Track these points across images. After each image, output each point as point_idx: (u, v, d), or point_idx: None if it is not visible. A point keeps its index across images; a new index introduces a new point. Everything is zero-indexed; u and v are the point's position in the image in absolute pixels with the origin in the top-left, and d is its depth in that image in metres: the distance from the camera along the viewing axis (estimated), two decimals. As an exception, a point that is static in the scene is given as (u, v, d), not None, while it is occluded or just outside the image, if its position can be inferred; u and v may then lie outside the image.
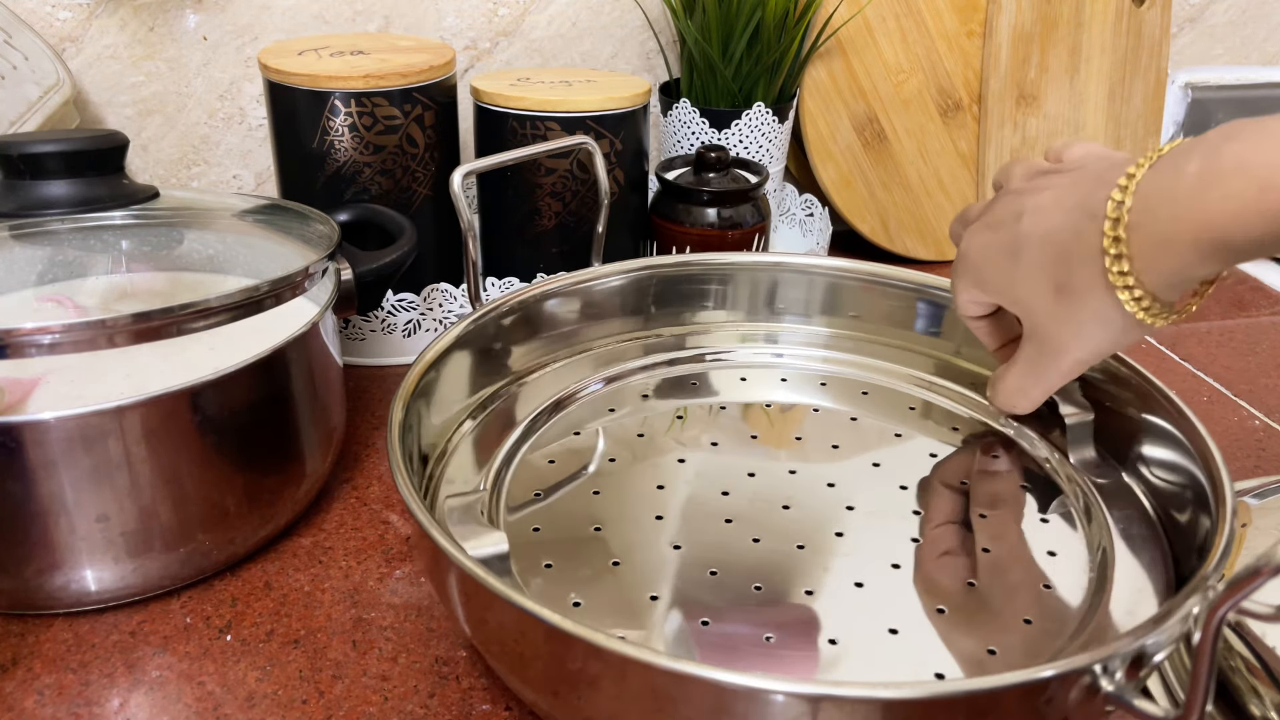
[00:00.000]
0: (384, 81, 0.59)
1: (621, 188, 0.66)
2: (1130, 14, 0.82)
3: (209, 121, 0.78)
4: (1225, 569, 0.35)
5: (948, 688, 0.28)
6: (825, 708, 0.29)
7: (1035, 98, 0.81)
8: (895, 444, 0.50)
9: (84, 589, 0.43)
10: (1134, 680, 0.31)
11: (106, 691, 0.41)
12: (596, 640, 0.30)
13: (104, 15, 0.73)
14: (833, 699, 0.28)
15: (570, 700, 0.33)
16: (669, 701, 0.30)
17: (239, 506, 0.46)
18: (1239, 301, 0.79)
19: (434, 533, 0.34)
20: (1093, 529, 0.44)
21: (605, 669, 0.31)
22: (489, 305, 0.51)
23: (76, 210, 0.48)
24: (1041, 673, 0.29)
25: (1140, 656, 0.31)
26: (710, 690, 0.29)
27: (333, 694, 0.41)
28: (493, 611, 0.34)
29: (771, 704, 0.29)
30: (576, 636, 0.30)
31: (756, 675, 0.28)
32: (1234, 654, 0.39)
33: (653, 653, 0.30)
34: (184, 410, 0.42)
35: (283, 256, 0.49)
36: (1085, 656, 0.29)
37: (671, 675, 0.29)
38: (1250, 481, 0.49)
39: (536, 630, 0.32)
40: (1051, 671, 0.29)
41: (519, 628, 0.33)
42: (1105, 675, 0.30)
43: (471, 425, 0.50)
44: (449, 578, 0.35)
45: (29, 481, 0.40)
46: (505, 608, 0.32)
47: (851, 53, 0.77)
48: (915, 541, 0.43)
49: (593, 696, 0.32)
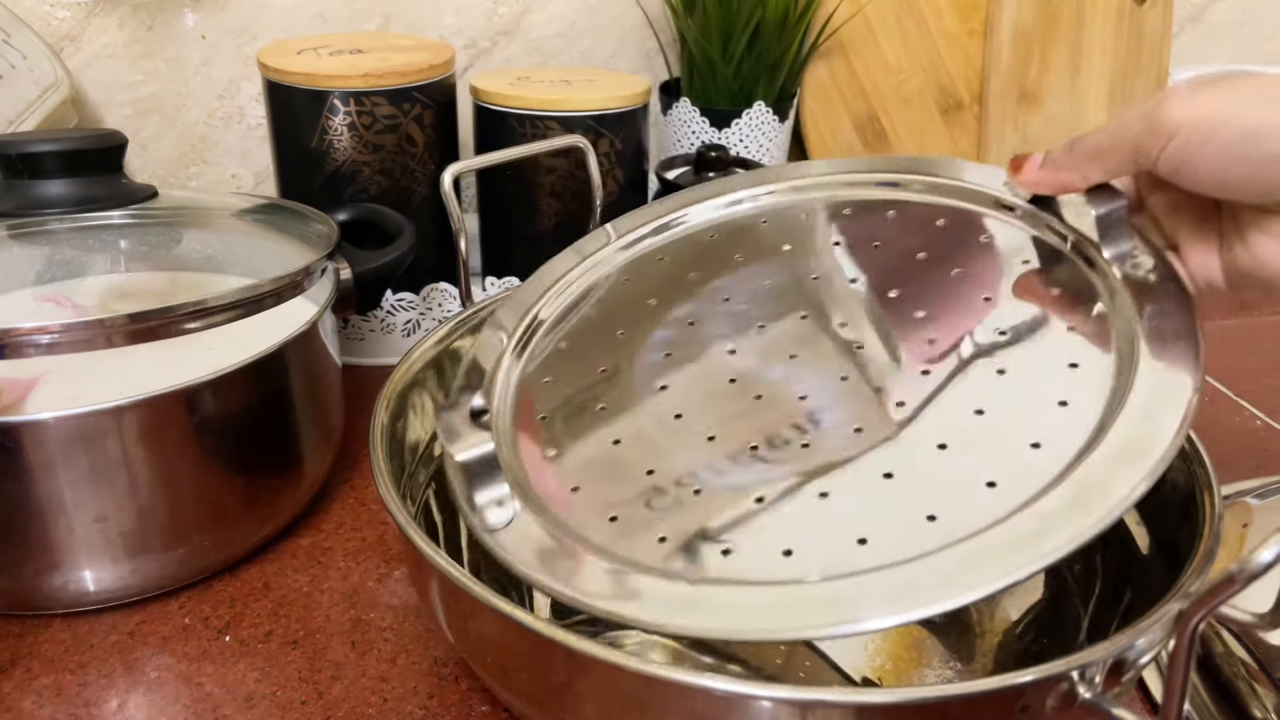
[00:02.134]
0: (383, 81, 0.59)
1: (622, 187, 0.66)
2: (1131, 13, 0.82)
3: (208, 121, 0.78)
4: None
5: (922, 694, 0.28)
6: (807, 713, 0.29)
7: (1036, 97, 0.81)
8: (918, 264, 0.43)
9: (82, 589, 0.43)
10: (1113, 688, 0.31)
11: (105, 692, 0.41)
12: (574, 645, 0.30)
13: (102, 14, 0.72)
14: (815, 704, 0.29)
15: (553, 707, 0.33)
16: (652, 708, 0.30)
17: (237, 507, 0.45)
18: (1240, 301, 0.79)
19: (412, 533, 0.34)
20: (1119, 330, 0.38)
21: (584, 673, 0.31)
22: (479, 304, 0.51)
23: (75, 210, 0.48)
24: (1018, 679, 0.29)
25: (1119, 664, 0.31)
26: (690, 695, 0.29)
27: (332, 695, 0.41)
28: (474, 618, 0.34)
29: (748, 709, 0.29)
30: (555, 641, 0.30)
31: (731, 681, 0.28)
32: (1234, 659, 0.39)
33: (624, 656, 0.29)
34: (182, 410, 0.42)
35: (281, 256, 0.49)
36: (1062, 663, 0.29)
37: (649, 680, 0.29)
38: (1251, 482, 0.49)
39: (509, 627, 0.32)
40: (1029, 678, 0.29)
41: (499, 630, 0.33)
42: (1083, 682, 0.30)
43: None
44: (430, 582, 0.35)
45: (27, 481, 0.40)
46: (486, 612, 0.32)
47: (852, 52, 0.77)
48: (925, 374, 0.38)
49: (575, 705, 0.32)
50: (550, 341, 0.44)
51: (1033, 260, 0.42)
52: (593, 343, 0.43)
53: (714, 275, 0.45)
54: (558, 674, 0.32)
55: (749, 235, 0.47)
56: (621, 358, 0.42)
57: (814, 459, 0.36)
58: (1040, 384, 0.37)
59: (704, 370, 0.41)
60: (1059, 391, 0.36)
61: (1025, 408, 0.36)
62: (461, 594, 0.32)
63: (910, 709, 0.29)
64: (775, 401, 0.39)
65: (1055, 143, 0.41)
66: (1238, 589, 0.26)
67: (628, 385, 0.40)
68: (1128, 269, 0.39)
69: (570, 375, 0.42)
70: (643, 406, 0.39)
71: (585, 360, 0.42)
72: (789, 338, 0.41)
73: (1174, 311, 0.38)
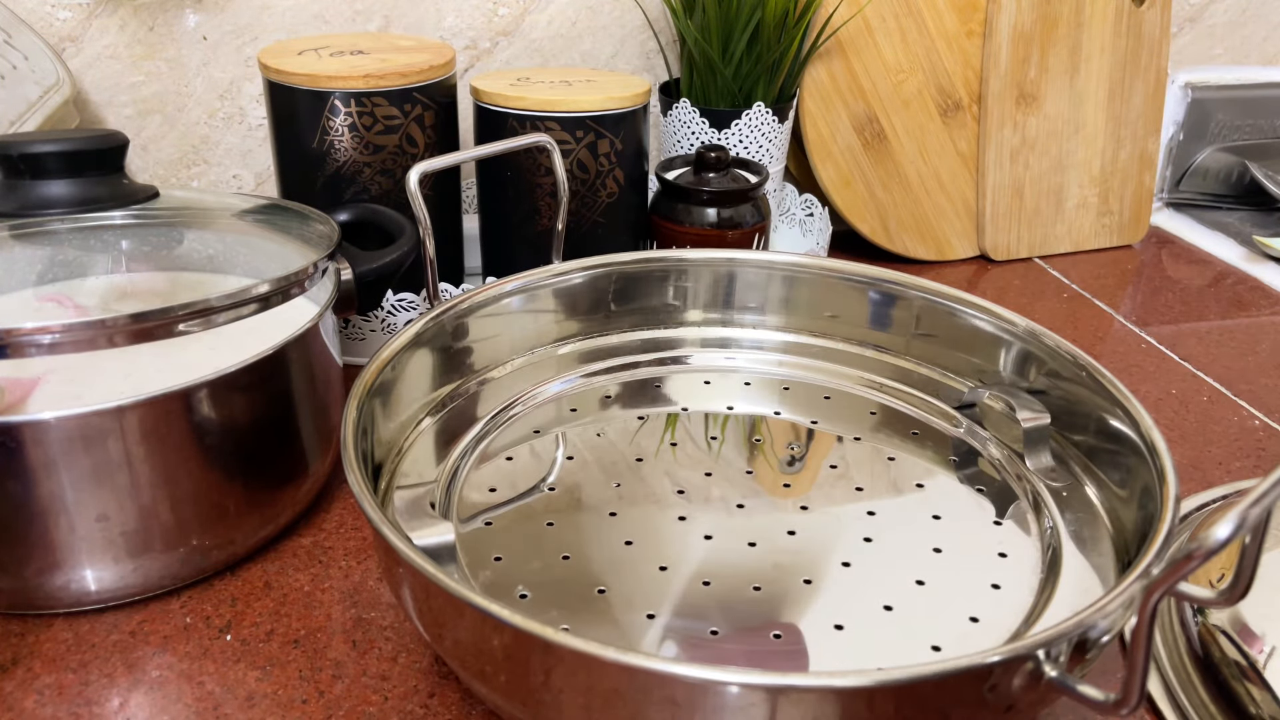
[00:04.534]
0: (384, 81, 0.59)
1: (621, 188, 0.66)
2: (1130, 14, 0.82)
3: (209, 121, 0.78)
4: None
5: (894, 675, 0.29)
6: (779, 698, 0.29)
7: (1035, 97, 0.81)
8: (854, 446, 0.51)
9: (84, 589, 0.43)
10: (1078, 666, 0.32)
11: (106, 691, 0.41)
12: (550, 636, 0.30)
13: (104, 15, 0.73)
14: (783, 689, 0.29)
15: (533, 704, 0.33)
16: (629, 697, 0.31)
17: (239, 506, 0.46)
18: (1239, 301, 0.79)
19: (385, 530, 0.34)
20: (1043, 530, 0.45)
21: (561, 665, 0.31)
22: (446, 304, 0.51)
23: (76, 210, 0.48)
24: (986, 659, 0.29)
25: (1083, 642, 0.32)
26: (661, 682, 0.30)
27: (333, 694, 0.41)
28: (444, 610, 0.34)
29: (721, 695, 0.29)
30: (530, 633, 0.30)
31: (704, 667, 0.29)
32: (1229, 661, 0.40)
33: (601, 647, 0.30)
34: (184, 410, 0.42)
35: (283, 256, 0.49)
36: (1028, 642, 0.30)
37: (628, 670, 0.30)
38: (1250, 482, 0.49)
39: (477, 619, 0.32)
40: (996, 658, 0.29)
41: (471, 624, 0.33)
42: (1049, 661, 0.31)
43: (431, 422, 0.50)
44: (399, 572, 0.36)
45: (29, 481, 0.40)
46: (455, 603, 0.32)
47: (851, 52, 0.77)
48: (868, 541, 0.44)
49: (554, 701, 0.32)
50: None
51: (959, 459, 0.50)
52: None
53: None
54: (535, 672, 0.32)
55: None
56: None
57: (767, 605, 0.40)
58: (975, 566, 0.43)
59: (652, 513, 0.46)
60: (991, 575, 0.42)
61: (962, 585, 0.42)
62: (434, 590, 0.33)
63: (881, 691, 0.29)
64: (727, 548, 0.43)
65: (1054, 143, 0.41)
66: (1196, 564, 0.26)
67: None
68: (1048, 479, 0.47)
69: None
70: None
71: None
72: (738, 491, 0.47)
73: (1089, 520, 0.45)
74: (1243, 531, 0.26)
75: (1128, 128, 0.85)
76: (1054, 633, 0.30)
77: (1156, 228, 0.93)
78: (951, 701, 0.30)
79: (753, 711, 0.30)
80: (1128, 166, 0.86)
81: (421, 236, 0.50)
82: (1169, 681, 0.42)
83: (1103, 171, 0.85)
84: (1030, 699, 0.31)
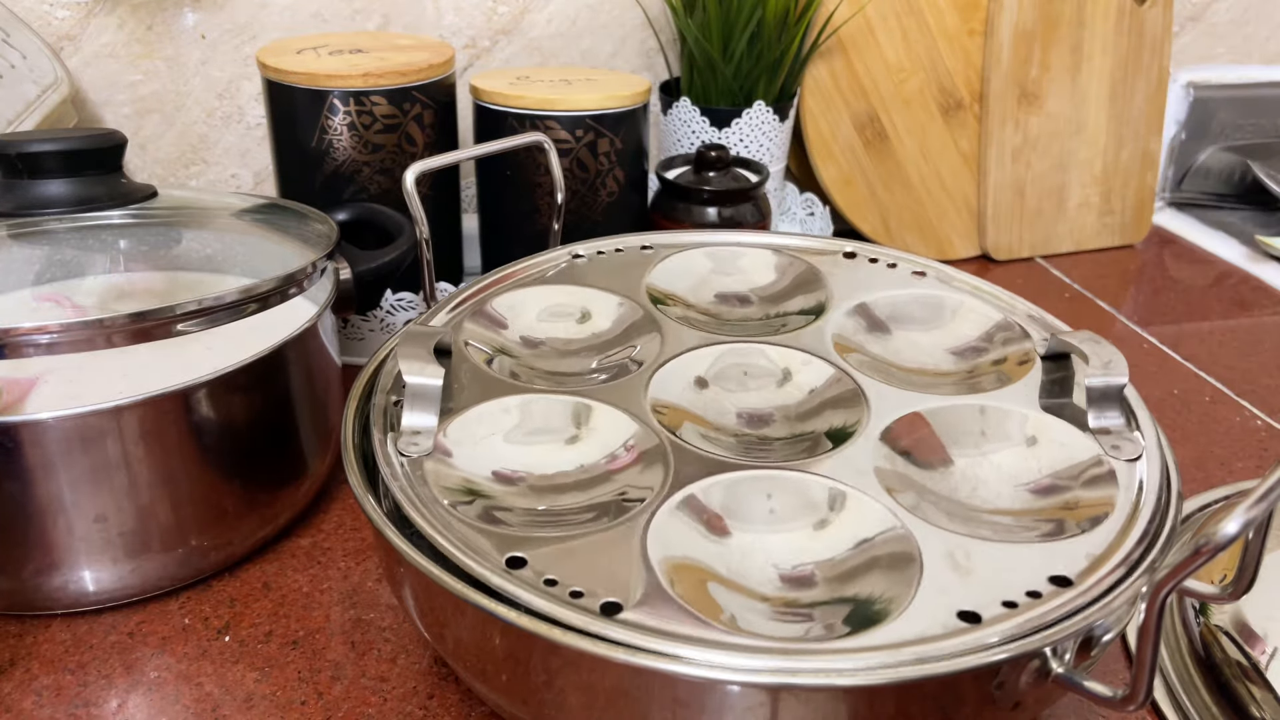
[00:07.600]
0: (383, 80, 0.59)
1: (622, 187, 0.66)
2: (1132, 13, 0.82)
3: (207, 120, 0.78)
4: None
5: (900, 674, 0.29)
6: (783, 696, 0.29)
7: (1037, 96, 0.81)
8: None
9: (82, 589, 0.43)
10: (1084, 662, 0.32)
11: (105, 692, 0.41)
12: (552, 635, 0.30)
13: (102, 14, 0.72)
14: (790, 688, 0.29)
15: (535, 702, 0.33)
16: (632, 695, 0.30)
17: (237, 507, 0.45)
18: (1241, 301, 0.79)
19: (387, 531, 0.34)
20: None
21: (563, 662, 0.31)
22: (442, 301, 0.50)
23: (74, 209, 0.48)
24: (993, 657, 0.29)
25: (1089, 638, 0.32)
26: (664, 681, 0.29)
27: (331, 695, 0.41)
28: (446, 609, 0.34)
29: (724, 693, 0.29)
30: (532, 631, 0.30)
31: (706, 667, 0.29)
32: (1231, 661, 0.39)
33: (604, 645, 0.30)
34: (182, 410, 0.42)
35: (281, 256, 0.49)
36: (1035, 640, 0.30)
37: (631, 669, 0.29)
38: (1252, 482, 0.49)
39: (479, 618, 0.32)
40: (1003, 655, 0.29)
41: (472, 623, 0.33)
42: (1055, 658, 0.31)
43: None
44: (400, 572, 0.35)
45: (27, 482, 0.40)
46: (457, 602, 0.32)
47: (852, 51, 0.77)
48: None
49: (556, 700, 0.32)
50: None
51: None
52: None
53: None
54: (537, 671, 0.32)
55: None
56: None
57: None
58: None
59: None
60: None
61: None
62: (436, 589, 0.32)
63: (888, 690, 0.29)
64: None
65: (1056, 142, 0.41)
66: (1204, 561, 0.26)
67: None
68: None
69: None
70: None
71: None
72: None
73: None
74: (1248, 528, 0.26)
75: (1129, 127, 0.85)
76: (1060, 630, 0.30)
77: (1158, 227, 0.92)
78: (960, 700, 0.30)
79: (757, 710, 0.29)
80: (1129, 166, 0.86)
81: (419, 237, 0.50)
82: (1171, 682, 0.42)
83: (1104, 171, 0.85)
84: (1037, 695, 0.31)
